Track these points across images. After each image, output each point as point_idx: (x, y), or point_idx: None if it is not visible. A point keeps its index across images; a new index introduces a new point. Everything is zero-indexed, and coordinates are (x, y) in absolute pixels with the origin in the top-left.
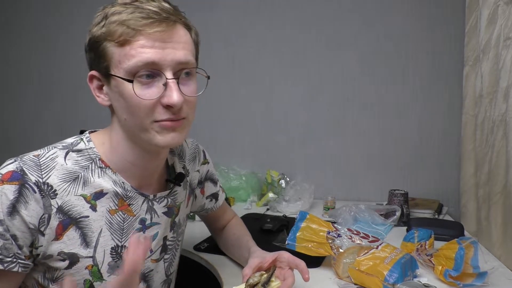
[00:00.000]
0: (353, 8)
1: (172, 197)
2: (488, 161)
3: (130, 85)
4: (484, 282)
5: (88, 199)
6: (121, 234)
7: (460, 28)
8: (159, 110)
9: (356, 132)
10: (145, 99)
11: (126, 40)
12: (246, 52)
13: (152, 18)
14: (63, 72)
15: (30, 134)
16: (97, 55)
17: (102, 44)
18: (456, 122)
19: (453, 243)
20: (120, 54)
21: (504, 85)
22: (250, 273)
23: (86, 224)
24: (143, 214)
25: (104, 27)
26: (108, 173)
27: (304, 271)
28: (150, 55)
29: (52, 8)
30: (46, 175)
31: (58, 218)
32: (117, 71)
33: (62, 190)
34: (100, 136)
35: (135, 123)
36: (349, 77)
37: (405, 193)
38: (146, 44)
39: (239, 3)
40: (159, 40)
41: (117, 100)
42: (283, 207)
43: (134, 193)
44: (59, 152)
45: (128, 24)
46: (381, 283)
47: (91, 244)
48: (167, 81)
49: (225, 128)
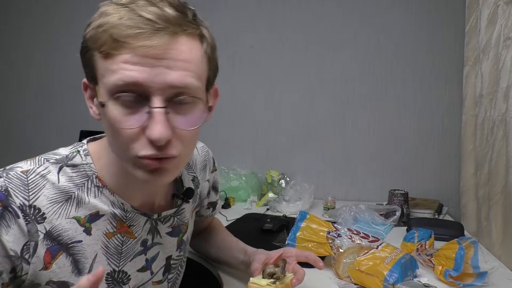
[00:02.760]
0: (353, 8)
1: (178, 216)
2: (488, 161)
3: (111, 105)
4: (484, 282)
5: (82, 222)
6: (119, 258)
7: (460, 28)
8: (142, 143)
9: (356, 132)
10: (123, 127)
11: (109, 53)
12: (246, 52)
13: (141, 28)
14: (63, 72)
15: (30, 134)
16: (84, 62)
17: (88, 51)
18: (456, 122)
19: (453, 243)
20: (102, 67)
21: (504, 85)
22: (260, 267)
23: (79, 250)
24: (145, 235)
25: (92, 29)
26: (105, 194)
27: (316, 260)
28: (133, 73)
29: (52, 8)
30: (34, 196)
31: (46, 245)
32: (101, 85)
33: (52, 213)
34: (98, 148)
35: (117, 151)
36: (349, 77)
37: (405, 193)
38: (131, 59)
39: (240, 3)
40: (150, 56)
41: (103, 117)
42: (283, 207)
43: (135, 214)
44: (51, 167)
45: (112, 32)
46: (381, 283)
47: (84, 271)
48: (150, 109)
49: (225, 128)
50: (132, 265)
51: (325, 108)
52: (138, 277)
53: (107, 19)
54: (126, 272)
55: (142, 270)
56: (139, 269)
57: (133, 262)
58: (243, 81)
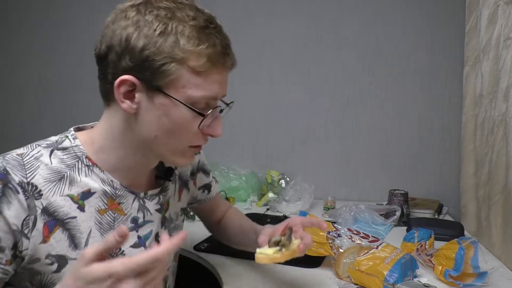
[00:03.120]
0: (353, 8)
1: (163, 194)
2: (488, 161)
3: (187, 111)
4: (484, 282)
5: (76, 199)
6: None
7: (460, 28)
8: (199, 136)
9: (356, 132)
10: (200, 129)
11: (201, 71)
12: (246, 52)
13: (226, 52)
14: (63, 72)
15: (30, 134)
16: (152, 67)
17: (167, 62)
18: (456, 122)
19: (453, 243)
20: (189, 80)
21: (504, 85)
22: (266, 239)
23: (74, 225)
24: (134, 212)
25: (176, 47)
26: (95, 172)
27: (320, 223)
28: (218, 91)
29: (52, 8)
30: (31, 175)
31: (43, 220)
32: (175, 92)
33: (48, 190)
34: (89, 135)
35: (170, 144)
36: (349, 77)
37: (405, 193)
38: (218, 79)
39: (239, 2)
40: (225, 74)
41: (157, 117)
42: (283, 207)
43: (124, 192)
44: (44, 151)
45: (209, 56)
46: (381, 283)
47: (80, 245)
48: (218, 114)
49: (225, 128)
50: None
51: (325, 108)
52: (132, 253)
53: (198, 42)
54: (120, 248)
55: (135, 246)
56: (132, 245)
57: None
58: (243, 81)
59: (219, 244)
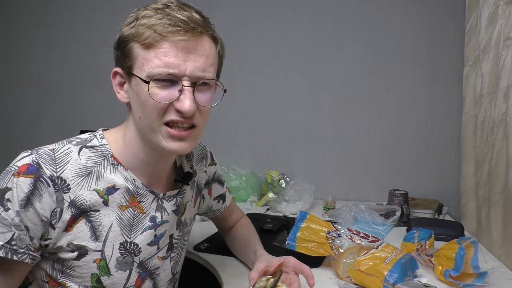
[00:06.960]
0: (353, 8)
1: (180, 196)
2: (488, 161)
3: (147, 86)
4: (484, 282)
5: (101, 193)
6: (130, 230)
7: (460, 28)
8: (171, 112)
9: (356, 132)
10: (158, 101)
11: (151, 44)
12: (246, 52)
13: (179, 26)
14: (63, 72)
15: (30, 134)
16: (123, 53)
17: (129, 44)
18: (456, 122)
19: (453, 243)
20: (144, 56)
21: (504, 85)
22: (257, 277)
23: (96, 218)
24: (152, 212)
25: (133, 28)
26: (119, 170)
27: (310, 276)
28: (172, 60)
29: (52, 8)
30: (61, 169)
31: (70, 212)
32: (139, 71)
33: (76, 184)
34: (113, 134)
35: (147, 122)
36: (349, 76)
37: (405, 193)
38: (169, 51)
39: (239, 2)
40: (183, 49)
41: (135, 98)
42: (283, 207)
43: (145, 191)
44: (73, 148)
45: (155, 29)
46: (381, 283)
47: (101, 238)
48: (182, 88)
49: (225, 128)
50: (143, 238)
51: (325, 108)
52: (147, 250)
53: (148, 19)
54: (138, 245)
55: (151, 244)
56: (148, 243)
57: (143, 236)
58: (243, 80)
59: (219, 244)
